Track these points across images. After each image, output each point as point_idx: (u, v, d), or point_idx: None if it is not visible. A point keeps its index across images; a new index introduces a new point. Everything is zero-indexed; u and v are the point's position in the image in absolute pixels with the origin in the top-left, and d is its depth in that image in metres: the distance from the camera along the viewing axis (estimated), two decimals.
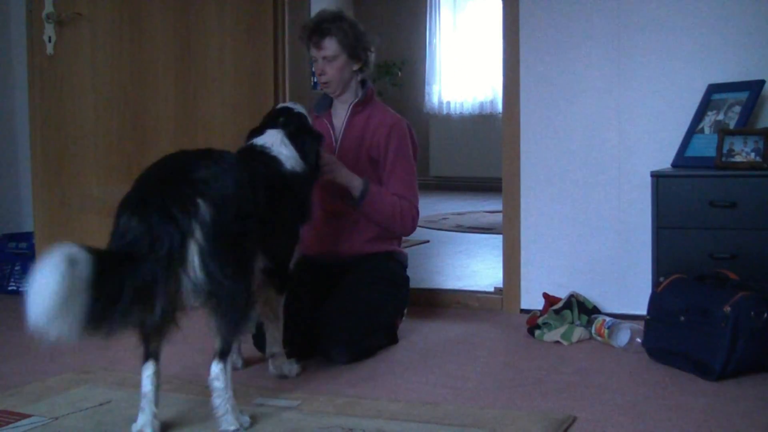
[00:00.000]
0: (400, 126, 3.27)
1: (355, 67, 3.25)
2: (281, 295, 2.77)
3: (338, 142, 3.27)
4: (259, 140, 2.76)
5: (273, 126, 2.81)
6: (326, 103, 3.35)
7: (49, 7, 3.64)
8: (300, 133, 2.80)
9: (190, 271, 2.10)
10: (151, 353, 2.27)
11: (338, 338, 2.90)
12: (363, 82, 3.32)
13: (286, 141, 2.75)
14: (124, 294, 1.97)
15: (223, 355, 2.24)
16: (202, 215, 2.10)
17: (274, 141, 2.74)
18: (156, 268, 2.03)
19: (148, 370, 2.27)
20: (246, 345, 2.98)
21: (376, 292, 3.06)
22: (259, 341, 2.92)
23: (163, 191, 2.14)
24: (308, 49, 3.27)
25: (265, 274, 2.60)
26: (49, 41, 3.67)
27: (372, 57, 3.30)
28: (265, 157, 2.68)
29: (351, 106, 3.28)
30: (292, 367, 2.81)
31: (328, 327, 2.91)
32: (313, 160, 2.80)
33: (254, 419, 2.35)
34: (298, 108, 2.91)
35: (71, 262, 1.86)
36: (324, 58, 3.19)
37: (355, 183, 3.09)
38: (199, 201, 2.11)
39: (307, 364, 2.94)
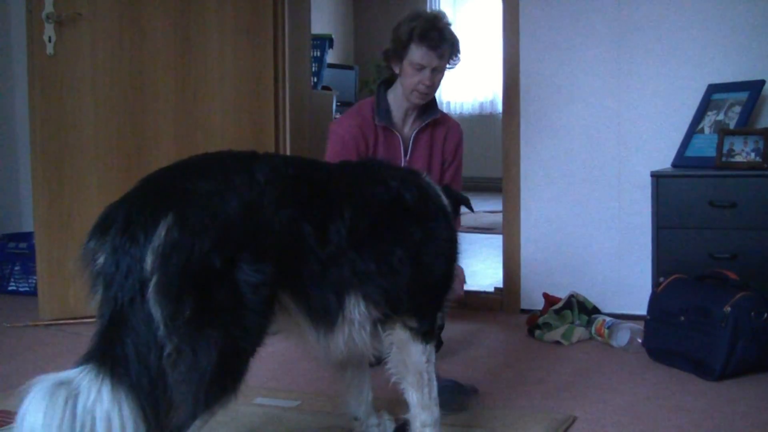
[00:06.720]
0: (462, 134, 3.16)
1: None
2: (425, 344, 2.05)
3: (408, 157, 3.02)
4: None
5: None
6: (387, 112, 2.99)
7: (49, 7, 3.63)
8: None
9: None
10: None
11: None
12: None
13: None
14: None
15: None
16: (156, 237, 1.61)
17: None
18: (120, 299, 1.61)
19: None
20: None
21: None
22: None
23: (132, 203, 1.71)
24: (404, 50, 2.84)
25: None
26: (49, 41, 3.66)
27: None
28: (410, 177, 2.11)
29: (426, 123, 3.01)
30: None
31: None
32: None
33: (254, 419, 2.35)
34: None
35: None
36: (435, 68, 2.84)
37: None
38: (162, 220, 1.62)
39: (306, 364, 2.94)
